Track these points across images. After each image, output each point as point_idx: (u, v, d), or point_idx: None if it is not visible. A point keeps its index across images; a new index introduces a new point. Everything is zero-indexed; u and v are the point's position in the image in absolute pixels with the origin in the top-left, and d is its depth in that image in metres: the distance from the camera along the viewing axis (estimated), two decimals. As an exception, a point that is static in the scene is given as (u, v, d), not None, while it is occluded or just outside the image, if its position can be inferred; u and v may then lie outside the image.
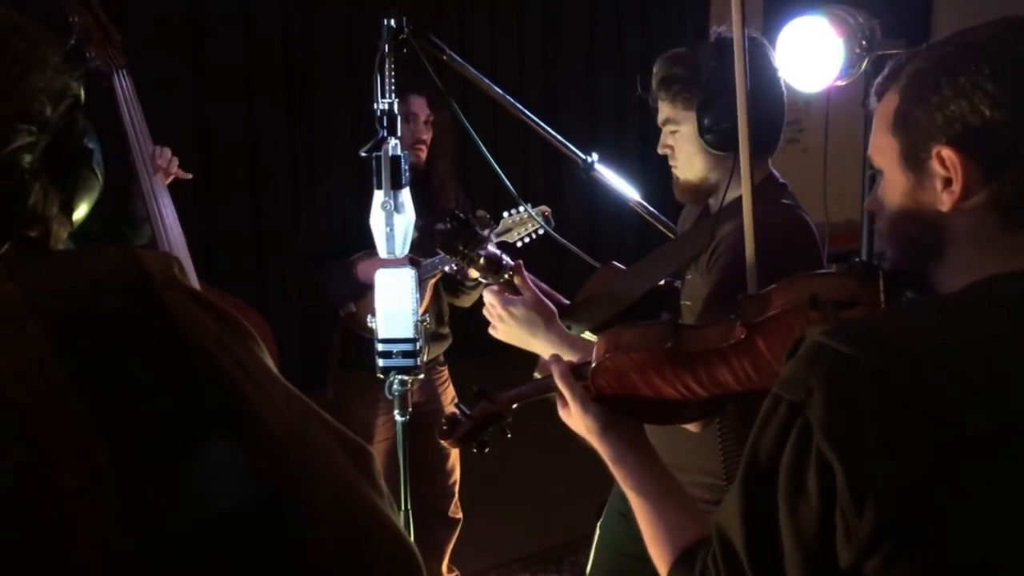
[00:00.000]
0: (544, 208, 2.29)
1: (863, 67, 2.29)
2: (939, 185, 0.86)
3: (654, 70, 1.66)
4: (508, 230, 2.30)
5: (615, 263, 1.92)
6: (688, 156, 1.65)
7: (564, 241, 1.98)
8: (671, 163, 1.70)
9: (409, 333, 1.76)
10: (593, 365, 1.11)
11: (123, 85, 2.01)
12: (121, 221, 2.14)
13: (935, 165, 0.85)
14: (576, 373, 1.15)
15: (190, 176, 2.23)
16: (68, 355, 0.60)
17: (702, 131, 1.59)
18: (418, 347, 1.77)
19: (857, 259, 1.07)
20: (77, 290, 0.64)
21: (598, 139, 5.65)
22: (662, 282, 1.80)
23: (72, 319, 0.62)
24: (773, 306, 1.00)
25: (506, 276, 1.68)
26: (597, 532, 2.01)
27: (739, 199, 1.64)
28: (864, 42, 2.28)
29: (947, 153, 0.84)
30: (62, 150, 0.74)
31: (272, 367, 0.73)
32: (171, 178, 2.13)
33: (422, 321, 1.78)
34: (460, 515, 2.80)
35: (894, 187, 0.91)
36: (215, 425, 0.64)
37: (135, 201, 2.10)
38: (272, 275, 4.83)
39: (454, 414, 1.32)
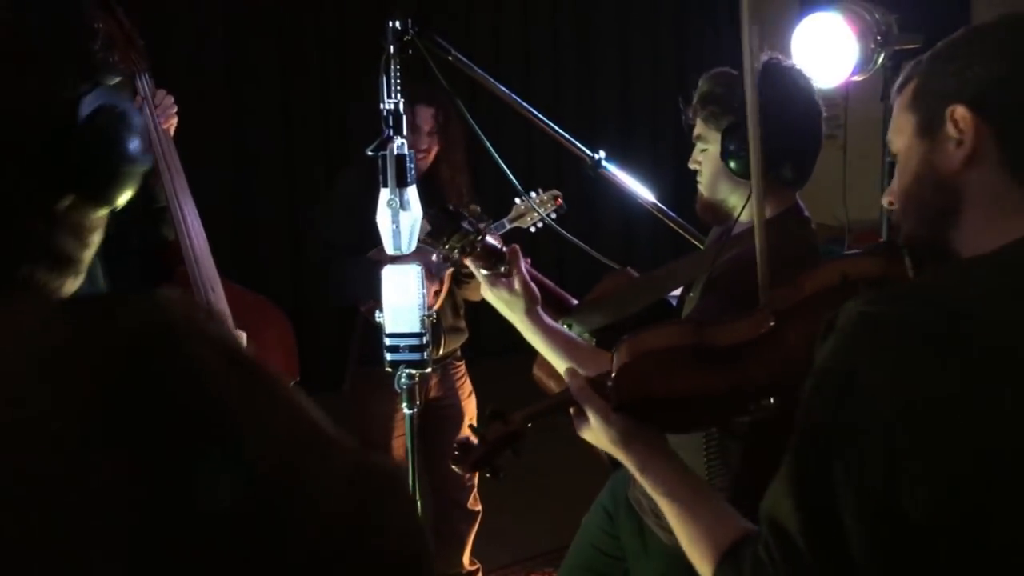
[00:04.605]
0: (556, 192, 2.31)
1: (879, 62, 2.29)
2: (952, 146, 0.88)
3: (698, 84, 1.67)
4: (520, 216, 2.34)
5: (629, 270, 1.93)
6: (712, 176, 1.66)
7: (570, 236, 2.00)
8: (698, 179, 1.72)
9: (416, 328, 1.80)
10: (615, 371, 1.10)
11: (145, 88, 2.07)
12: (155, 218, 2.20)
13: (949, 128, 0.88)
14: (594, 385, 1.13)
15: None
16: (92, 392, 0.67)
17: (724, 155, 1.59)
18: (425, 341, 1.81)
19: (880, 240, 1.07)
20: (112, 334, 0.70)
21: (600, 144, 5.66)
22: (674, 293, 1.81)
23: (105, 362, 0.68)
24: (803, 291, 1.01)
25: (503, 268, 1.70)
26: (582, 525, 2.03)
27: (750, 229, 1.65)
28: (879, 37, 2.27)
29: (960, 112, 0.87)
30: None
31: (288, 401, 0.77)
32: (173, 122, 2.15)
33: (429, 316, 1.82)
34: (479, 507, 2.84)
35: (910, 159, 0.94)
36: (208, 449, 0.70)
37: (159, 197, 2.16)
38: (303, 274, 4.91)
39: (466, 439, 1.28)
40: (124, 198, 0.85)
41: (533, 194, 2.20)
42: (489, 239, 1.70)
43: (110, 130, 0.82)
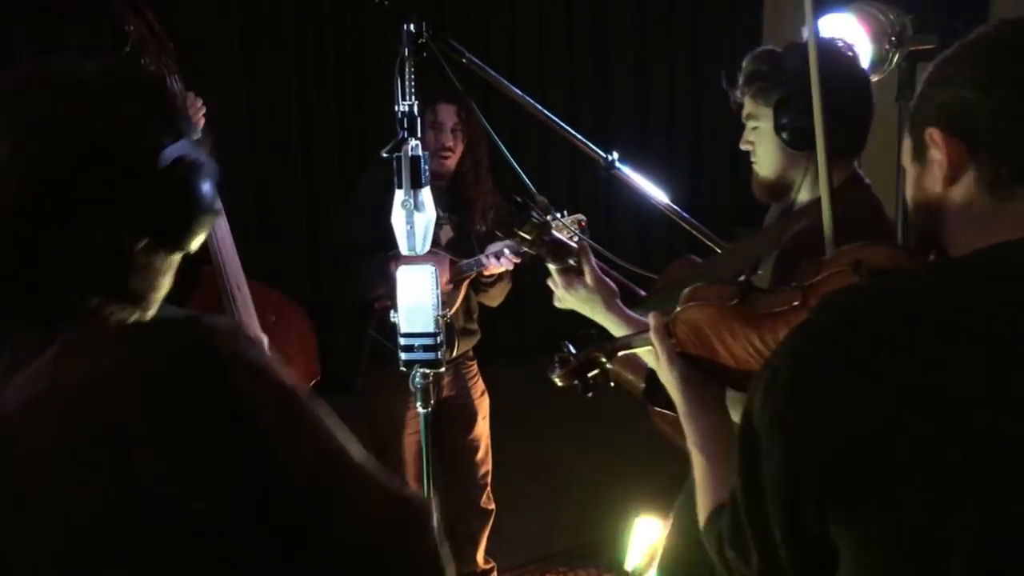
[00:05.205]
0: (580, 217, 2.32)
1: (894, 62, 2.29)
2: (936, 169, 0.91)
3: (743, 66, 1.70)
4: None
5: (691, 256, 1.95)
6: (767, 153, 1.68)
7: (602, 249, 2.01)
8: (752, 160, 1.73)
9: (430, 328, 1.83)
10: (675, 314, 1.16)
11: (175, 89, 2.10)
12: None
13: (933, 151, 0.91)
14: (669, 329, 1.19)
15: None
16: (148, 411, 0.76)
17: (778, 128, 1.61)
18: (439, 341, 1.83)
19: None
20: (159, 361, 0.79)
21: (616, 147, 5.67)
22: (741, 277, 1.82)
23: (153, 387, 0.77)
24: (823, 270, 1.04)
25: (571, 261, 1.69)
26: (671, 516, 2.01)
27: (816, 200, 1.66)
28: (894, 38, 2.27)
29: (936, 135, 0.90)
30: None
31: (318, 425, 0.83)
32: (199, 124, 2.17)
33: (443, 316, 1.84)
34: (492, 506, 2.86)
35: (909, 181, 0.97)
36: (245, 467, 0.78)
37: None
38: (319, 275, 4.96)
39: (565, 353, 1.36)
40: (196, 243, 0.92)
41: (558, 216, 2.22)
42: (555, 233, 1.71)
43: (186, 179, 0.89)
